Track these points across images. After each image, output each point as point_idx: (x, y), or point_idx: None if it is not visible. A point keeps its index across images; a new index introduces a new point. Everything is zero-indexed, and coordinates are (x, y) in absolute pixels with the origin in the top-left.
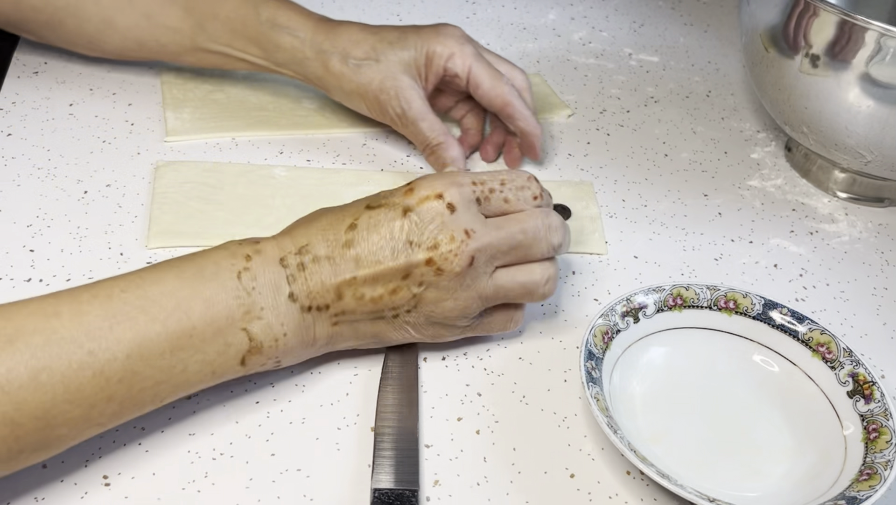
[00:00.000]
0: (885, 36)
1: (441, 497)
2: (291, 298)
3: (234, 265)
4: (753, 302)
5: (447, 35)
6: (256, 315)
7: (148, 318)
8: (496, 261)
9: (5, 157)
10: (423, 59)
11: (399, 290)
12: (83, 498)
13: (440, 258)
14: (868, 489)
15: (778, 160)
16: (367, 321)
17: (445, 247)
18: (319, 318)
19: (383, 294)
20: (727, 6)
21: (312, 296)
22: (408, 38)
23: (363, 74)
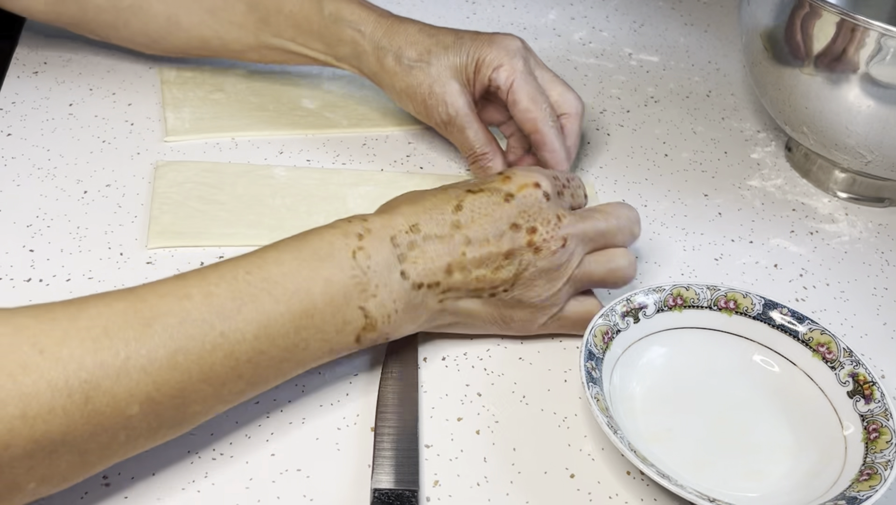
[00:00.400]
0: (885, 36)
1: (441, 497)
2: (403, 275)
3: (348, 245)
4: (753, 302)
5: (501, 45)
6: (372, 293)
7: (272, 299)
8: (584, 246)
9: (5, 157)
10: (473, 65)
11: (501, 268)
12: (83, 498)
13: (539, 240)
14: (868, 489)
15: (778, 160)
16: (467, 298)
17: (543, 229)
18: (428, 294)
19: (487, 273)
20: (727, 6)
21: (424, 273)
22: (463, 42)
23: (414, 76)
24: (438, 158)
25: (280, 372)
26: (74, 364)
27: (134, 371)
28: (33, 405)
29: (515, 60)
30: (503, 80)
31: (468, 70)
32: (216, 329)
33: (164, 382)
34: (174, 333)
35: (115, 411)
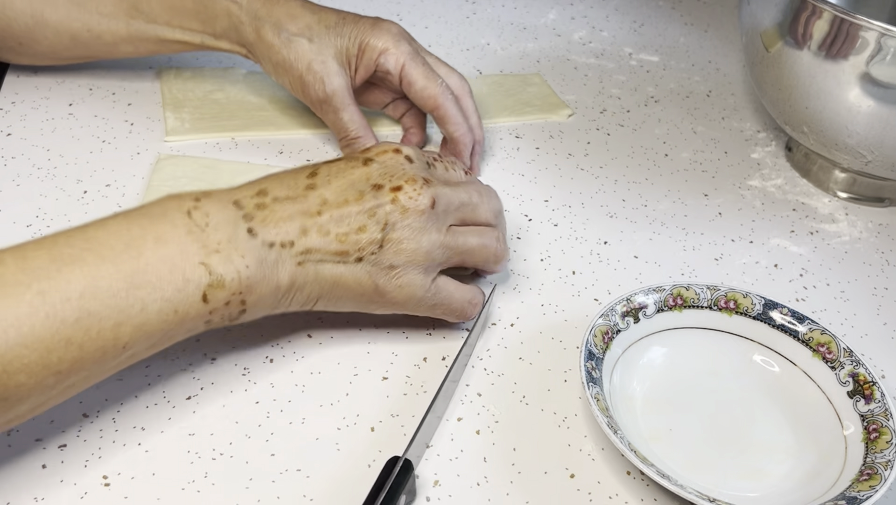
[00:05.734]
0: (885, 36)
1: (441, 497)
2: (251, 232)
3: (182, 205)
4: (754, 302)
5: (384, 30)
6: (214, 248)
7: (97, 257)
8: (450, 216)
9: (5, 158)
10: (356, 49)
11: (365, 228)
12: (83, 498)
13: (405, 197)
14: (868, 489)
15: (778, 160)
16: (331, 263)
17: (409, 187)
18: (283, 255)
19: (349, 232)
20: (727, 6)
21: (276, 232)
22: (345, 25)
23: (293, 50)
24: None
25: (117, 337)
26: None
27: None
28: None
29: (401, 44)
30: (392, 65)
31: (349, 53)
32: (32, 288)
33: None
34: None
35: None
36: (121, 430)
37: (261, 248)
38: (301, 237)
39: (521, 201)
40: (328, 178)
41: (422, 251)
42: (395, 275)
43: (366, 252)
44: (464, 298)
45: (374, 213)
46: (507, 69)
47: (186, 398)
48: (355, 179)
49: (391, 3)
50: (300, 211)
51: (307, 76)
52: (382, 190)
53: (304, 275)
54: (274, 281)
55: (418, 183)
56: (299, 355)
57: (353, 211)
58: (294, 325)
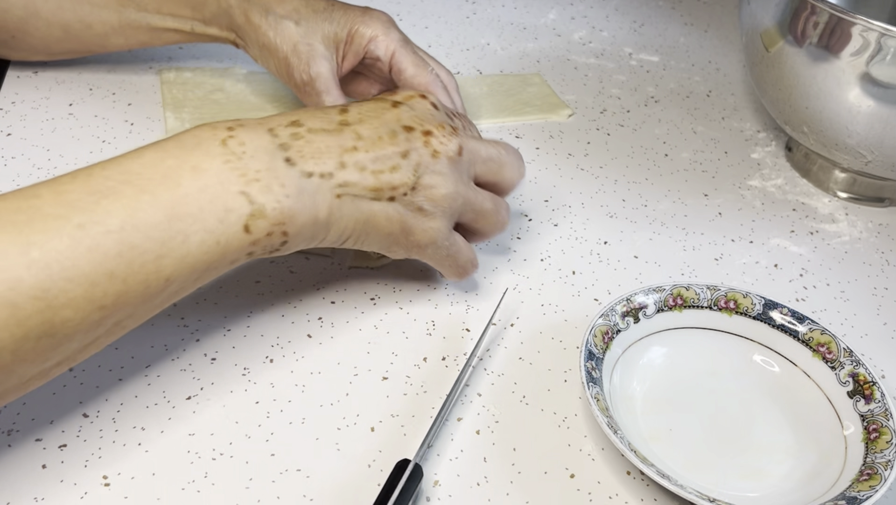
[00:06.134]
0: (885, 36)
1: (441, 497)
2: (289, 162)
3: (216, 135)
4: (754, 302)
5: (374, 17)
6: (253, 177)
7: (135, 189)
8: (477, 167)
9: (5, 158)
10: (345, 35)
11: (398, 168)
12: (83, 498)
13: (436, 142)
14: (868, 489)
15: (778, 160)
16: (366, 200)
17: (439, 133)
18: (322, 186)
19: (384, 170)
20: (727, 6)
21: (314, 162)
22: (335, 11)
23: (280, 31)
24: None
25: (160, 270)
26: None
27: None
28: None
29: (391, 32)
30: (383, 52)
31: (338, 38)
32: (72, 221)
33: (18, 281)
34: (24, 228)
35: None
36: (121, 430)
37: (300, 177)
38: (339, 170)
39: (521, 201)
40: (360, 116)
41: (449, 197)
42: (424, 217)
43: (398, 192)
44: (469, 255)
45: (407, 155)
46: (507, 69)
47: (186, 398)
48: (387, 120)
49: (391, 3)
50: (337, 144)
51: (292, 58)
52: (414, 133)
53: (341, 208)
54: (314, 211)
55: (447, 130)
56: (299, 355)
57: (388, 150)
58: (294, 325)
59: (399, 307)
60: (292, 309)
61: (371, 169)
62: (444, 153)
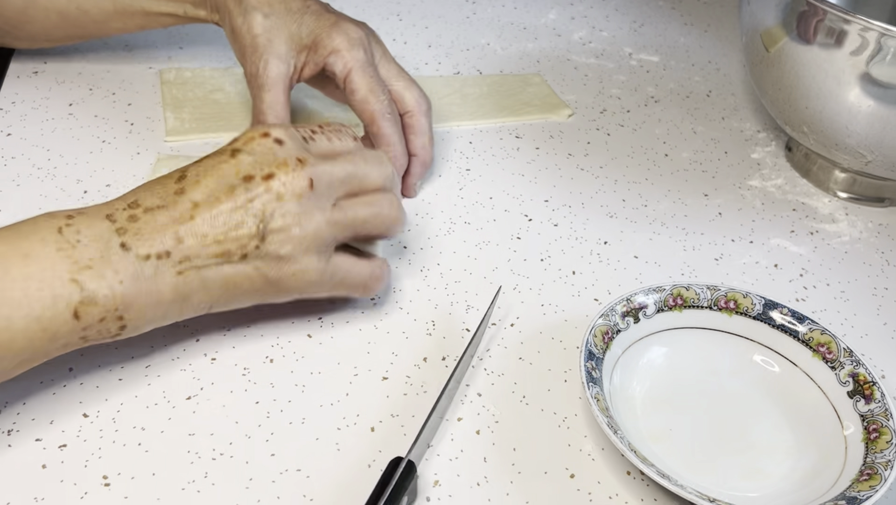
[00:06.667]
0: (885, 36)
1: (441, 497)
2: (124, 247)
3: (54, 222)
4: (754, 302)
5: (342, 31)
6: (86, 265)
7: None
8: (335, 190)
9: (5, 158)
10: (310, 42)
11: (242, 223)
12: (83, 498)
13: (278, 184)
14: (868, 489)
15: (778, 160)
16: (214, 267)
17: (282, 172)
18: (161, 267)
19: (226, 230)
20: (727, 6)
21: (150, 243)
22: (307, 14)
23: (246, 20)
24: (437, 159)
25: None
26: None
27: None
28: None
29: (355, 50)
30: (339, 68)
31: (302, 43)
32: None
33: None
34: None
35: None
36: (121, 430)
37: (136, 262)
38: (177, 246)
39: (521, 201)
40: (196, 179)
41: (308, 235)
42: (286, 264)
43: (249, 248)
44: (363, 273)
45: (249, 207)
46: (507, 69)
47: (186, 398)
48: (224, 174)
49: (391, 3)
50: (172, 219)
51: (249, 49)
52: (254, 181)
53: (188, 283)
54: (155, 294)
55: (290, 166)
56: (299, 355)
57: (227, 208)
58: (294, 325)
59: (399, 307)
60: (292, 309)
61: (213, 235)
62: (289, 192)
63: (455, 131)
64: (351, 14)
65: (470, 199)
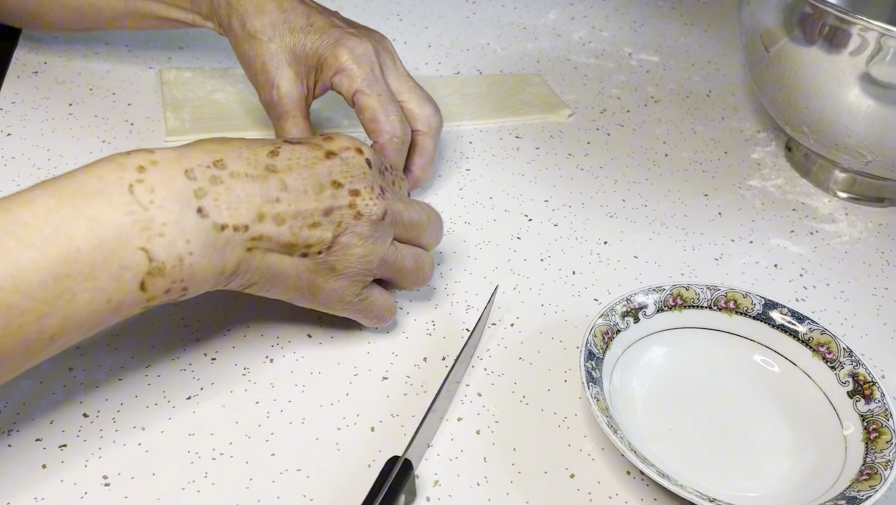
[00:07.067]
0: (885, 36)
1: (441, 497)
2: (201, 212)
3: (124, 178)
4: (753, 302)
5: (347, 48)
6: (157, 231)
7: (21, 244)
8: (397, 229)
9: (5, 157)
10: (315, 61)
11: (318, 226)
12: (83, 498)
13: (362, 203)
14: (868, 489)
15: (778, 160)
16: (277, 254)
17: (367, 195)
18: (234, 238)
19: (303, 226)
20: (727, 6)
21: (229, 214)
22: (311, 33)
23: (252, 46)
24: (437, 159)
25: (42, 330)
26: None
27: None
28: None
29: (361, 67)
30: (346, 89)
31: (309, 62)
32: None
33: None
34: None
35: None
36: (121, 430)
37: (210, 230)
38: (256, 223)
39: (521, 201)
40: (289, 163)
41: (364, 260)
42: (334, 277)
43: (312, 249)
44: (384, 305)
45: (330, 213)
46: (507, 69)
47: (186, 398)
48: (317, 172)
49: (391, 3)
50: (259, 193)
51: (260, 77)
52: (342, 190)
53: (251, 260)
54: (220, 266)
55: (375, 192)
56: (299, 355)
57: (311, 206)
58: (294, 325)
59: (399, 307)
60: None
61: (290, 224)
62: (367, 215)
63: (455, 131)
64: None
65: (470, 199)
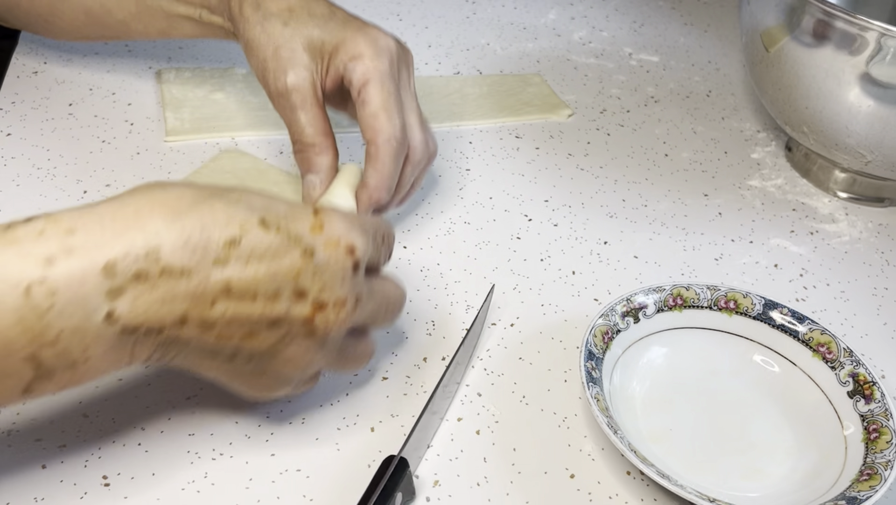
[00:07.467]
0: (885, 36)
1: (441, 497)
2: (109, 318)
3: (24, 273)
4: (754, 302)
5: (369, 36)
6: (50, 340)
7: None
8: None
9: (5, 158)
10: (331, 47)
11: (256, 335)
12: (83, 498)
13: (322, 322)
14: (868, 489)
15: (778, 160)
16: (196, 354)
17: (333, 311)
18: (143, 341)
19: (235, 334)
20: (727, 6)
21: (145, 315)
22: (332, 20)
23: (265, 29)
24: (437, 159)
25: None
26: None
27: None
28: None
29: (380, 59)
30: (357, 76)
31: (324, 49)
32: None
33: None
34: None
35: None
36: (121, 430)
37: (116, 335)
38: (175, 326)
39: (521, 201)
40: (249, 255)
41: (299, 371)
42: (259, 383)
43: (241, 356)
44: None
45: (278, 324)
46: (507, 69)
47: (186, 398)
48: (281, 271)
49: (391, 3)
50: (190, 294)
51: (271, 62)
52: (303, 300)
53: (162, 357)
54: (124, 361)
55: (347, 307)
56: None
57: (255, 313)
58: None
59: None
60: None
61: (219, 331)
62: (323, 333)
63: (455, 131)
64: None
65: (470, 199)
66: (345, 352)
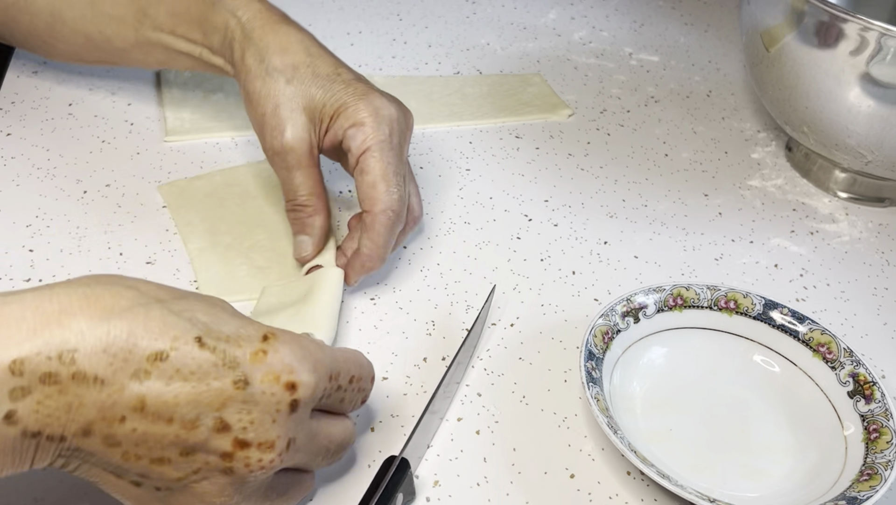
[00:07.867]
0: (885, 36)
1: (441, 497)
2: (9, 419)
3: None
4: (754, 302)
5: (371, 104)
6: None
7: None
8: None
9: (5, 157)
10: (332, 110)
11: (167, 462)
12: (83, 498)
13: (242, 461)
14: (868, 489)
15: (778, 160)
16: (100, 470)
17: (257, 453)
18: (44, 446)
19: (143, 457)
20: (727, 6)
21: (47, 421)
22: (337, 80)
23: (265, 84)
24: (437, 159)
25: None
26: None
27: None
28: None
29: (381, 128)
30: (356, 144)
31: (325, 112)
32: None
33: None
34: None
35: None
36: None
37: (16, 438)
38: (79, 437)
39: (521, 201)
40: (173, 373)
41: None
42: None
43: (149, 482)
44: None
45: (192, 455)
46: (507, 69)
47: None
48: (204, 397)
49: (391, 3)
50: (99, 404)
51: (269, 119)
52: (225, 435)
53: (65, 466)
54: (22, 464)
55: (275, 451)
56: None
57: (168, 440)
58: None
59: (399, 307)
60: None
61: (125, 449)
62: (240, 477)
63: (455, 131)
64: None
65: (470, 199)
66: (276, 490)
